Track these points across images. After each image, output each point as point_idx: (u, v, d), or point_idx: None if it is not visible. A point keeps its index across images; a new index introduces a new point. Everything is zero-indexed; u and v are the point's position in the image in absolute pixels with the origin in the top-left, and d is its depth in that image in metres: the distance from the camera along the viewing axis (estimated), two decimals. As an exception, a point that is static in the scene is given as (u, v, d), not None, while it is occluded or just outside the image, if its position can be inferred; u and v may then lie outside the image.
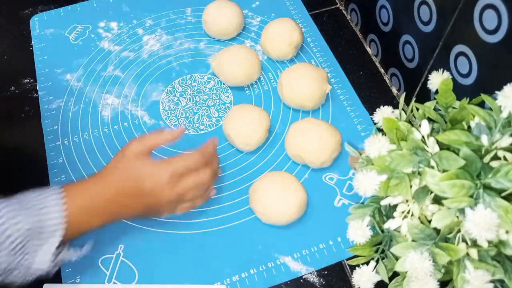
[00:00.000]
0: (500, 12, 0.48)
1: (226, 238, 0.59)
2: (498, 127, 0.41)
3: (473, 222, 0.37)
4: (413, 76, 0.68)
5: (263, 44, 0.75)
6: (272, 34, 0.73)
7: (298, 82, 0.67)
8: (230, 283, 0.56)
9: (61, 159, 0.66)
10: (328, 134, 0.62)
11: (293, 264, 0.57)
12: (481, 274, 0.39)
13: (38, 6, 0.85)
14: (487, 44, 0.51)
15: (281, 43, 0.73)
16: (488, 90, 0.44)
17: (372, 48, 0.78)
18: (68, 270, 0.58)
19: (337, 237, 0.59)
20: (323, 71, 0.68)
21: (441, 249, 0.41)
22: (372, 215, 0.47)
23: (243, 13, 0.78)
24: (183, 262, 0.58)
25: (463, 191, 0.39)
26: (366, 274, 0.46)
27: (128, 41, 0.79)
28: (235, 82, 0.72)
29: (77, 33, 0.81)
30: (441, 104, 0.48)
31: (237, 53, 0.71)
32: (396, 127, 0.46)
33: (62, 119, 0.71)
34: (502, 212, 0.38)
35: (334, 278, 0.57)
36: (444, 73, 0.49)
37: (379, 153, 0.44)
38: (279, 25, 0.73)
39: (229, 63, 0.70)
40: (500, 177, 0.39)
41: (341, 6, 0.84)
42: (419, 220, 0.44)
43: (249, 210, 0.61)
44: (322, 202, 0.62)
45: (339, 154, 0.64)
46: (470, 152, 0.40)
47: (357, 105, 0.71)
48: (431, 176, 0.41)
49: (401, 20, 0.68)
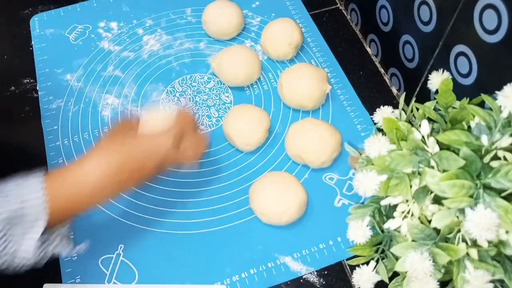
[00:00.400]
0: (500, 12, 0.48)
1: (226, 238, 0.59)
2: (498, 127, 0.41)
3: (473, 222, 0.37)
4: (413, 76, 0.68)
5: (263, 44, 0.75)
6: (272, 34, 0.73)
7: (298, 82, 0.67)
8: (230, 283, 0.56)
9: (61, 159, 0.66)
10: (328, 134, 0.62)
11: (293, 264, 0.57)
12: (481, 274, 0.39)
13: (38, 6, 0.85)
14: (487, 44, 0.51)
15: (281, 43, 0.73)
16: (488, 90, 0.44)
17: (372, 48, 0.78)
18: (68, 270, 0.58)
19: (337, 237, 0.59)
20: (323, 71, 0.68)
21: (441, 249, 0.41)
22: (372, 215, 0.47)
23: (243, 13, 0.78)
24: (183, 262, 0.58)
25: (463, 191, 0.39)
26: (366, 274, 0.46)
27: (128, 41, 0.79)
28: (236, 82, 0.72)
29: (77, 33, 0.81)
30: (441, 104, 0.48)
31: (238, 53, 0.71)
32: (396, 127, 0.46)
33: (62, 119, 0.71)
34: (502, 212, 0.38)
35: (334, 278, 0.57)
36: (444, 73, 0.49)
37: (379, 153, 0.44)
38: (279, 25, 0.73)
39: (229, 63, 0.70)
40: (500, 177, 0.39)
41: (341, 6, 0.84)
42: (419, 220, 0.44)
43: (249, 210, 0.61)
44: (322, 202, 0.62)
45: (339, 154, 0.64)
46: (470, 152, 0.40)
47: (357, 105, 0.71)
48: (431, 176, 0.41)
49: (401, 20, 0.68)
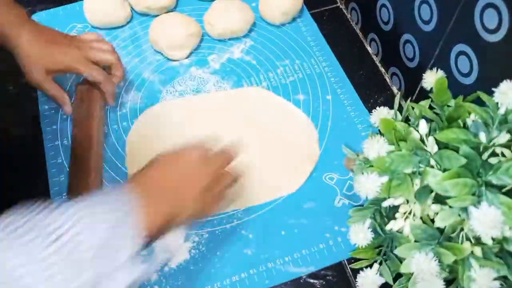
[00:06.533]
0: (501, 11, 0.47)
1: (226, 238, 0.59)
2: (495, 124, 0.41)
3: (478, 220, 0.37)
4: (413, 75, 0.68)
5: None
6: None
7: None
8: (230, 283, 0.56)
9: (60, 159, 0.66)
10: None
11: (293, 264, 0.57)
12: (487, 272, 0.39)
13: (37, 5, 0.85)
14: (488, 43, 0.51)
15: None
16: (489, 89, 0.44)
17: (373, 47, 0.78)
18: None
19: (337, 237, 0.59)
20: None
21: (446, 249, 0.41)
22: (372, 217, 0.47)
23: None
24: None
25: (465, 189, 0.39)
26: (371, 277, 0.46)
27: (128, 39, 0.79)
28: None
29: (76, 32, 0.80)
30: (436, 103, 0.48)
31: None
32: (393, 127, 0.46)
33: (61, 119, 0.70)
34: (505, 209, 0.38)
35: (334, 278, 0.57)
36: (439, 72, 0.49)
37: (379, 155, 0.44)
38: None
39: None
40: (500, 174, 0.39)
41: (341, 5, 0.84)
42: (421, 220, 0.43)
43: (249, 210, 0.61)
44: (322, 202, 0.62)
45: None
46: (470, 150, 0.40)
47: (357, 105, 0.71)
48: (433, 176, 0.41)
49: (401, 19, 0.68)
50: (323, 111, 0.70)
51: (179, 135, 0.67)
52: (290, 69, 0.75)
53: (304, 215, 0.60)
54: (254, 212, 0.61)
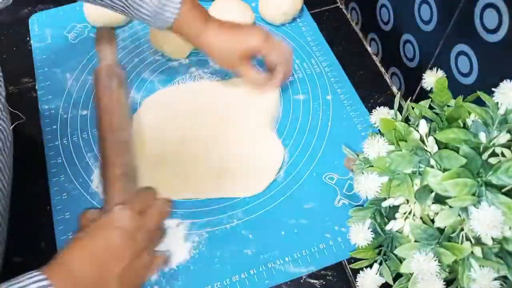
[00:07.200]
0: (501, 11, 0.47)
1: (226, 238, 0.59)
2: (495, 124, 0.41)
3: (478, 220, 0.37)
4: (413, 75, 0.68)
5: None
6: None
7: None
8: (230, 283, 0.56)
9: (60, 159, 0.66)
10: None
11: (293, 264, 0.57)
12: (487, 272, 0.39)
13: (37, 5, 0.85)
14: (488, 43, 0.51)
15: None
16: (489, 89, 0.44)
17: (373, 47, 0.78)
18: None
19: (337, 237, 0.59)
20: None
21: (446, 249, 0.41)
22: (372, 217, 0.47)
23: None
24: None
25: (466, 189, 0.39)
26: (371, 277, 0.46)
27: (128, 40, 0.79)
28: None
29: (76, 32, 0.81)
30: (436, 103, 0.48)
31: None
32: (393, 127, 0.46)
33: (61, 119, 0.70)
34: (505, 209, 0.38)
35: (334, 278, 0.57)
36: (438, 72, 0.49)
37: (379, 155, 0.44)
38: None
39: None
40: (500, 174, 0.39)
41: (341, 5, 0.84)
42: (421, 220, 0.43)
43: (249, 210, 0.61)
44: (322, 202, 0.62)
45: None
46: (469, 150, 0.40)
47: (357, 105, 0.71)
48: (433, 176, 0.41)
49: (401, 19, 0.68)
50: (323, 111, 0.70)
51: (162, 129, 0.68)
52: (290, 69, 0.75)
53: (304, 215, 0.60)
54: (254, 212, 0.61)
